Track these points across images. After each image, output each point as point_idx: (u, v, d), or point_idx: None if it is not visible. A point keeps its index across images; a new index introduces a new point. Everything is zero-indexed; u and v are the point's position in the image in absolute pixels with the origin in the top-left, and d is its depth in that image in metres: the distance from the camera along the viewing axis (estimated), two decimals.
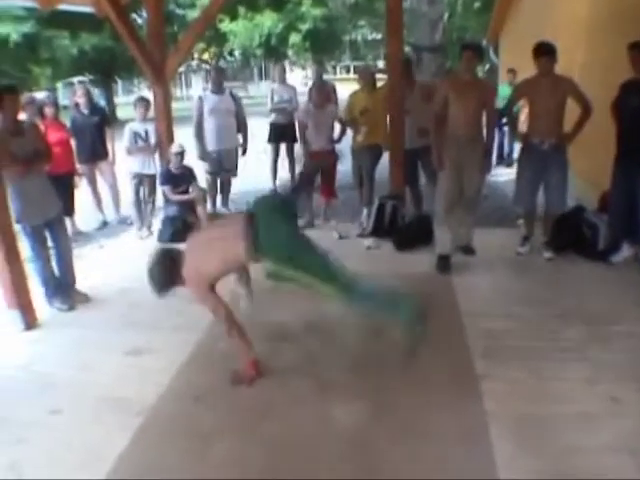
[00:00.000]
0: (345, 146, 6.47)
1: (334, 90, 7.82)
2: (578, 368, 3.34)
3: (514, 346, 3.64)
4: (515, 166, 6.14)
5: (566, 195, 5.00)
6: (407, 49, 9.70)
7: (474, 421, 2.93)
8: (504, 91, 9.20)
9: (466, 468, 2.59)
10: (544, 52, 4.70)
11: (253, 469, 2.67)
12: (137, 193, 6.59)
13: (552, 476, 2.52)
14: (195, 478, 2.65)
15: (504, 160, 9.53)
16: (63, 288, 4.61)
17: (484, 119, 5.01)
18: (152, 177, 6.56)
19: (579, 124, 4.84)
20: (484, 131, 5.05)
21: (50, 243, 4.58)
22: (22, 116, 5.20)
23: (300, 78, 25.87)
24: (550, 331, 3.80)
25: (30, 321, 4.28)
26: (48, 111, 6.17)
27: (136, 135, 6.47)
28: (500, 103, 8.61)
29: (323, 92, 6.31)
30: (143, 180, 6.54)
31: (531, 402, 3.07)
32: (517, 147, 8.47)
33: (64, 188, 6.11)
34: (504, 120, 8.50)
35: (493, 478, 2.51)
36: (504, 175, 8.27)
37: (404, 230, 5.75)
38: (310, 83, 8.32)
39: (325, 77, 16.97)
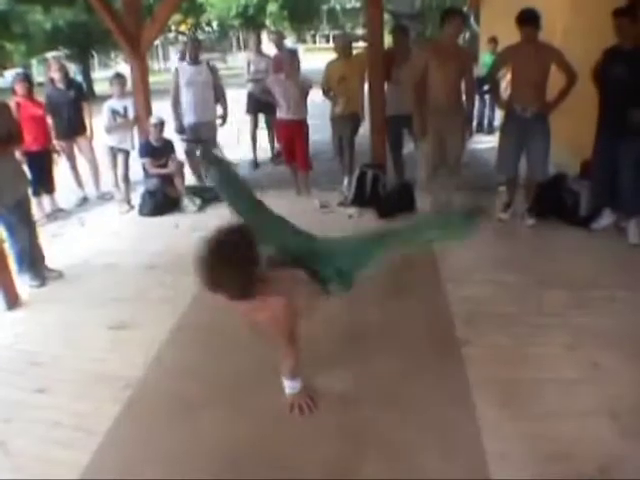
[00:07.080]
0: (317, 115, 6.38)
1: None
2: (559, 334, 3.37)
3: (496, 312, 3.67)
4: (496, 134, 6.16)
5: (548, 163, 5.02)
6: (386, 16, 9.55)
7: (458, 386, 2.95)
8: (486, 60, 9.16)
9: (452, 433, 2.62)
10: (528, 19, 4.62)
11: (243, 438, 2.69)
12: (114, 167, 6.51)
13: (535, 439, 2.55)
14: (185, 448, 2.64)
15: (485, 128, 9.53)
16: (33, 265, 4.54)
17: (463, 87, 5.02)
18: (126, 152, 6.49)
19: (562, 93, 4.77)
20: (464, 98, 5.05)
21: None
22: None
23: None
24: (532, 297, 3.83)
25: (12, 301, 4.22)
26: (19, 87, 5.96)
27: (114, 112, 6.37)
28: (482, 71, 8.61)
29: (294, 62, 6.24)
30: (117, 155, 6.46)
31: (513, 368, 3.09)
32: (498, 115, 8.50)
33: (41, 165, 6.05)
34: (485, 88, 8.48)
35: (478, 443, 2.54)
36: (485, 143, 8.28)
37: (386, 198, 5.74)
38: (273, 52, 8.16)
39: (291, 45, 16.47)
